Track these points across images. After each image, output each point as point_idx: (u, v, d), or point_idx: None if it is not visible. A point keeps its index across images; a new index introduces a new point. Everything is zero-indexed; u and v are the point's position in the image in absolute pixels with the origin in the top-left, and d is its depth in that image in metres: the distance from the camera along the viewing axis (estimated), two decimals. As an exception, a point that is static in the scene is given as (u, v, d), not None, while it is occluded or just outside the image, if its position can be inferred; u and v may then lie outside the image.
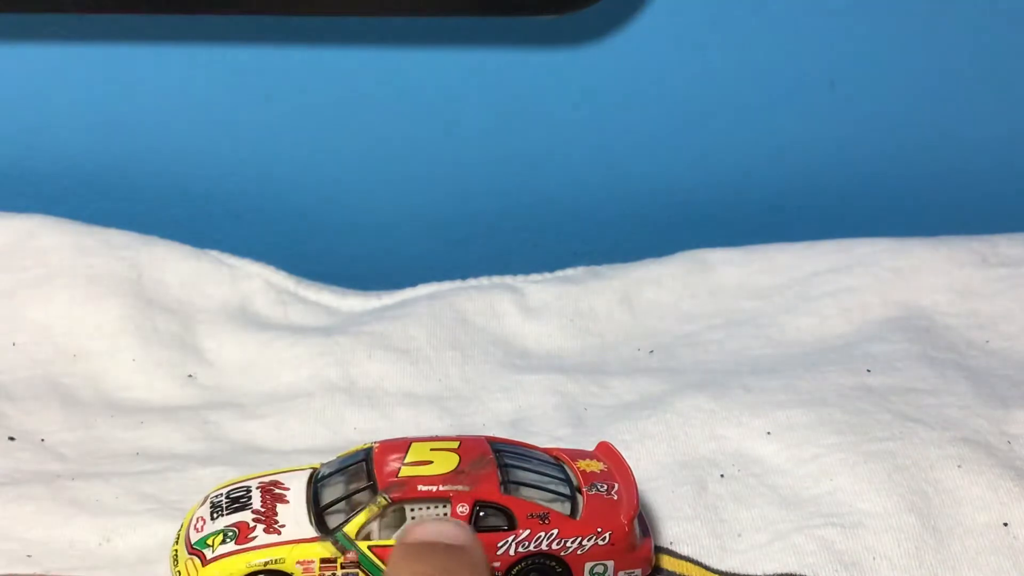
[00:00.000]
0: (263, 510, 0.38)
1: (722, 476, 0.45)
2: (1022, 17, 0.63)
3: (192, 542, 0.38)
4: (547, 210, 0.67)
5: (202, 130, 0.64)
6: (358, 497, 0.38)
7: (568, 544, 0.38)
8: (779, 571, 0.40)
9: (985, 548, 0.41)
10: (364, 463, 0.39)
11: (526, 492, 0.39)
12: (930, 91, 0.65)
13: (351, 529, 0.37)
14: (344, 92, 0.64)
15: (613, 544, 0.39)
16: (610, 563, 0.39)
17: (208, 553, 0.37)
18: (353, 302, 0.59)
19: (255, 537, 0.37)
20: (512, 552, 0.38)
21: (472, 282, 0.59)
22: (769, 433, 0.47)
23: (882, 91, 0.64)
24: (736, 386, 0.50)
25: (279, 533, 0.37)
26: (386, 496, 0.37)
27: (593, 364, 0.54)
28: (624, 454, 0.45)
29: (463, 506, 0.37)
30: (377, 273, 0.64)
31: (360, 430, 0.50)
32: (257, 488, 0.39)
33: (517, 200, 0.66)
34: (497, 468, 0.39)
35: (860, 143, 0.66)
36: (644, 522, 0.41)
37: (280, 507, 0.38)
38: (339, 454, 0.41)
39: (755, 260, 0.60)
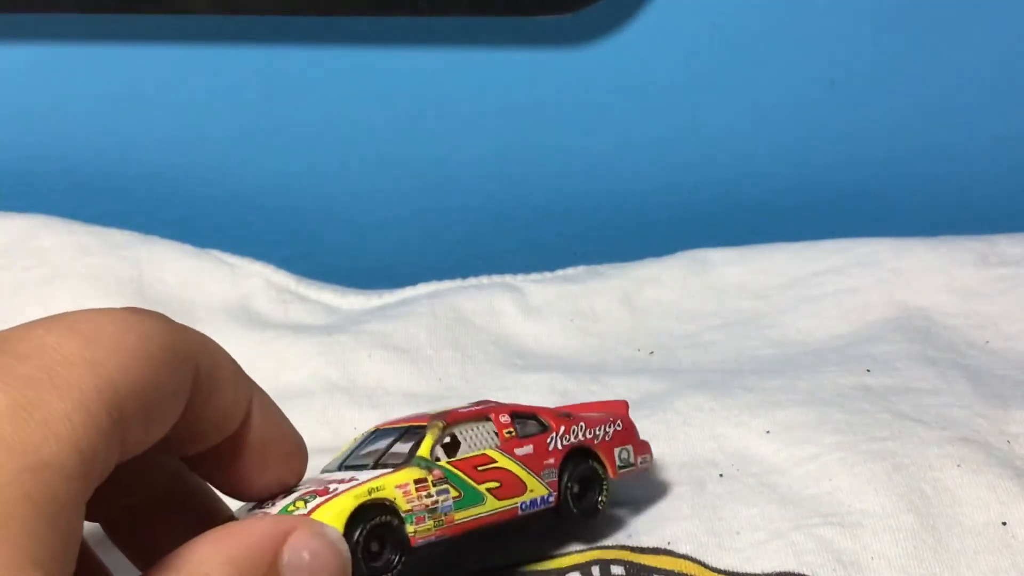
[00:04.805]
0: (318, 486, 0.36)
1: (721, 475, 0.45)
2: (1022, 16, 0.63)
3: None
4: (547, 210, 0.67)
5: (202, 130, 0.65)
6: (405, 443, 0.38)
7: (597, 432, 0.41)
8: (777, 569, 0.40)
9: (984, 547, 0.40)
10: (375, 434, 0.40)
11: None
12: (930, 91, 0.65)
13: (424, 452, 0.37)
14: (344, 92, 0.64)
15: (626, 429, 0.42)
16: (630, 447, 0.42)
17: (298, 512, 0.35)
18: (353, 301, 0.59)
19: (336, 491, 0.35)
20: (560, 446, 0.40)
21: (472, 281, 0.59)
22: (768, 432, 0.47)
23: (882, 91, 0.64)
24: (736, 386, 0.50)
25: (356, 480, 0.36)
26: (440, 420, 0.38)
27: (593, 363, 0.54)
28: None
29: (504, 416, 0.40)
30: (377, 272, 0.64)
31: (360, 430, 0.50)
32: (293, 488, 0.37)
33: (517, 200, 0.66)
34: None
35: (860, 143, 0.66)
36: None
37: (332, 481, 0.36)
38: (335, 455, 0.41)
39: (755, 260, 0.60)
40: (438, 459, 0.37)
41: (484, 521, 0.37)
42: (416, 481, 0.36)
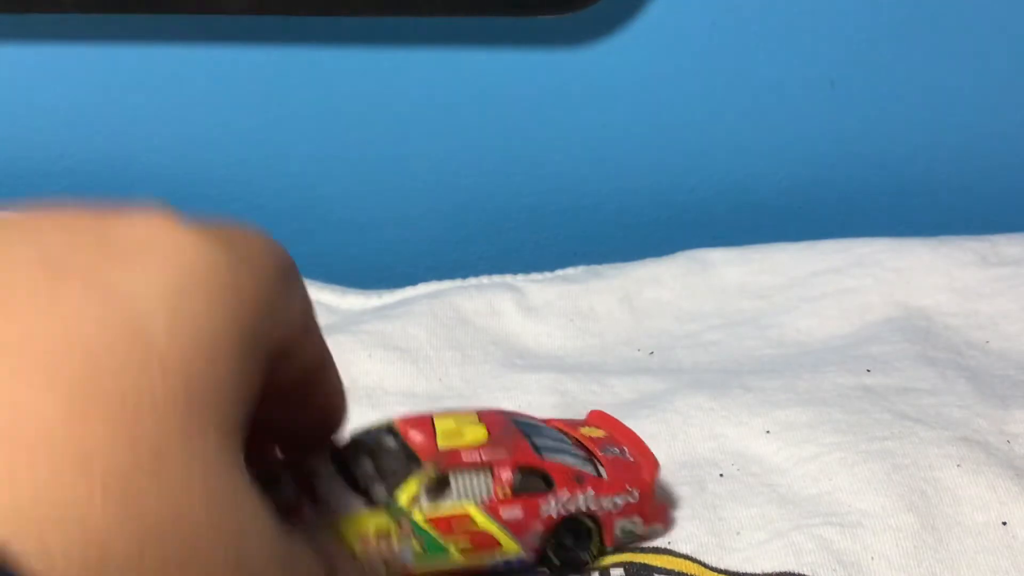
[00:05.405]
0: (299, 489, 0.36)
1: (721, 475, 0.45)
2: (1022, 16, 0.63)
3: None
4: (547, 210, 0.67)
5: (202, 130, 0.65)
6: (399, 469, 0.37)
7: (603, 503, 0.39)
8: (778, 569, 0.40)
9: (984, 547, 0.40)
10: (391, 436, 0.39)
11: (555, 456, 0.39)
12: (930, 91, 0.65)
13: (403, 499, 0.36)
14: (344, 92, 0.64)
15: (641, 501, 0.40)
16: (638, 519, 0.40)
17: None
18: (353, 301, 0.59)
19: (304, 515, 0.35)
20: (555, 514, 0.38)
21: (472, 281, 0.59)
22: (768, 432, 0.47)
23: (882, 91, 0.64)
24: (736, 385, 0.50)
25: (328, 509, 0.36)
26: (435, 466, 0.37)
27: (593, 363, 0.54)
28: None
29: (506, 471, 0.38)
30: (377, 272, 0.64)
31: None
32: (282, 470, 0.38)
33: (517, 200, 0.66)
34: (523, 435, 0.39)
35: (860, 143, 0.66)
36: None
37: (316, 482, 0.37)
38: (352, 432, 0.40)
39: (755, 260, 0.60)
40: (418, 501, 0.36)
41: (446, 571, 0.37)
42: (378, 532, 0.36)
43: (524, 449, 0.39)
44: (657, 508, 0.41)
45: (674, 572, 0.40)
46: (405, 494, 0.36)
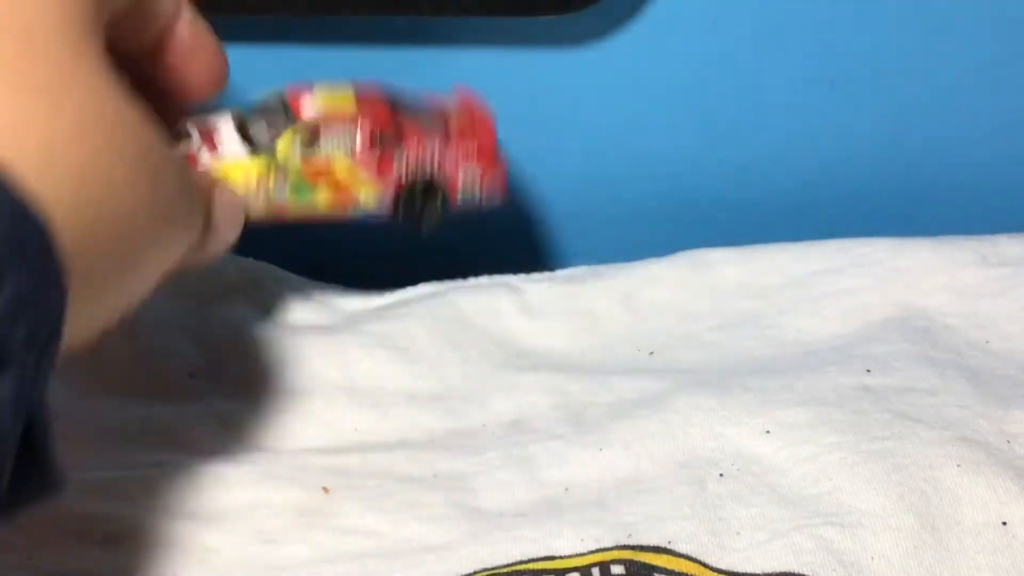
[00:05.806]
0: (203, 138, 0.45)
1: (721, 475, 0.45)
2: (1023, 15, 0.63)
3: None
4: (547, 210, 0.67)
5: (202, 130, 0.64)
6: (281, 125, 0.46)
7: (447, 158, 0.49)
8: (778, 570, 0.40)
9: (984, 547, 0.40)
10: (278, 100, 0.48)
11: (412, 118, 0.49)
12: (931, 91, 0.65)
13: (281, 147, 0.46)
14: (344, 92, 0.64)
15: (481, 154, 0.50)
16: (477, 172, 0.50)
17: None
18: (353, 301, 0.59)
19: (200, 160, 0.45)
20: (404, 165, 0.48)
21: (472, 281, 0.59)
22: (768, 432, 0.47)
23: (882, 91, 0.64)
24: (736, 385, 0.50)
25: (219, 152, 0.45)
26: (309, 121, 0.46)
27: (593, 363, 0.54)
28: (624, 453, 0.46)
29: (367, 127, 0.47)
30: (377, 271, 0.64)
31: (360, 430, 0.51)
32: (191, 126, 0.46)
33: (516, 200, 0.66)
34: (388, 103, 0.49)
35: (860, 143, 0.66)
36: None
37: (216, 137, 0.46)
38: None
39: (755, 260, 0.60)
40: (293, 149, 0.45)
41: (313, 216, 0.47)
42: (259, 175, 0.45)
43: (385, 112, 0.48)
44: (498, 167, 0.50)
45: (674, 572, 0.40)
46: (283, 143, 0.46)
